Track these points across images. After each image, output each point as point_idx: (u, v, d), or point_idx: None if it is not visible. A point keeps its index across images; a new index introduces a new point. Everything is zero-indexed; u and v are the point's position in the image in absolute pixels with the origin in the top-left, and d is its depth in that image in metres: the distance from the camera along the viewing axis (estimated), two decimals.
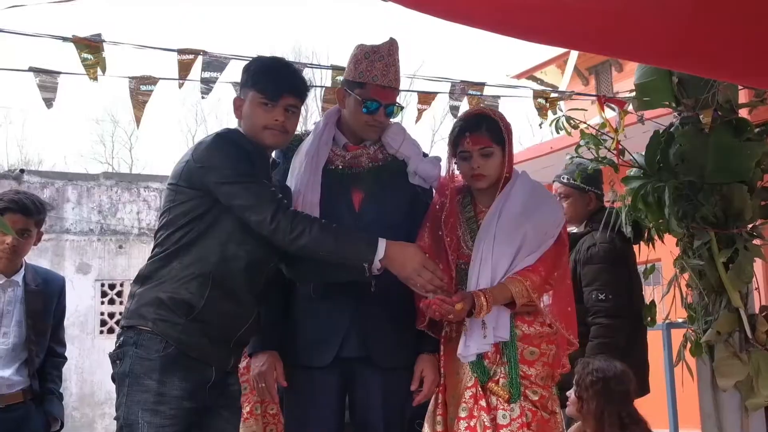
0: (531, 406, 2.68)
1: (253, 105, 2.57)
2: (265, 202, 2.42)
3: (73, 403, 10.54)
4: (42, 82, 3.37)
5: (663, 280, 4.05)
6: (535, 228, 2.76)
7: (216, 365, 2.47)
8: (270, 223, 2.40)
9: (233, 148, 2.49)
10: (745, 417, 3.67)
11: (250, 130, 2.58)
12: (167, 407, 2.35)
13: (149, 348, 2.38)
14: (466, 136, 2.79)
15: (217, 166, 2.45)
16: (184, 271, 2.42)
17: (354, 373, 2.73)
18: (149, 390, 2.36)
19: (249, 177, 2.45)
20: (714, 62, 2.94)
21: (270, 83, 2.56)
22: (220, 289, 2.43)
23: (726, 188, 3.68)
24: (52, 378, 3.59)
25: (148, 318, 2.40)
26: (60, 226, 12.34)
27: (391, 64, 2.76)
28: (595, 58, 13.79)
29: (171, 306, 2.39)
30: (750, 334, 3.65)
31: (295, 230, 2.40)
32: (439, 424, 2.76)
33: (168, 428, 2.35)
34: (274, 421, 3.60)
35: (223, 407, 2.53)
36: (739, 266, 3.65)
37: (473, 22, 2.75)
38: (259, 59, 2.74)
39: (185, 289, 2.41)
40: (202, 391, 2.43)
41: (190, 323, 2.39)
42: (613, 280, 3.74)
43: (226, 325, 2.47)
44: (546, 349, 2.77)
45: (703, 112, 3.70)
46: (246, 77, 2.63)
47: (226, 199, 2.44)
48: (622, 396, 3.13)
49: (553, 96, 4.42)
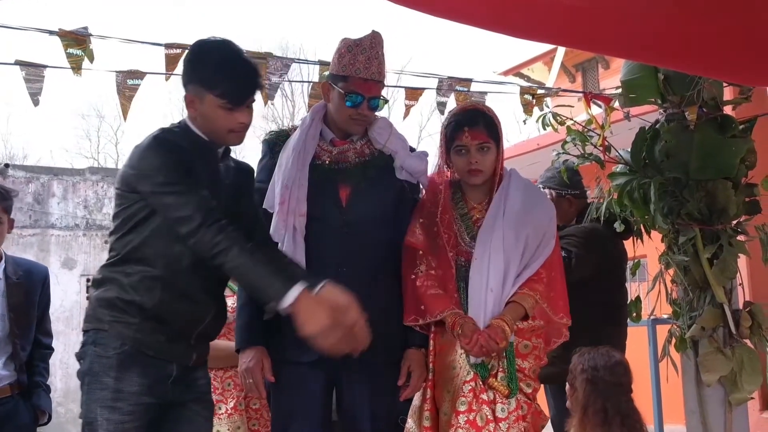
0: (525, 399, 2.72)
1: (213, 108, 2.43)
2: (193, 214, 2.32)
3: (58, 398, 10.50)
4: (28, 75, 3.36)
5: (648, 276, 4.08)
6: (536, 229, 2.80)
7: (176, 361, 2.45)
8: (193, 236, 2.31)
9: (167, 153, 2.38)
10: (728, 412, 3.70)
11: (209, 131, 2.48)
12: (125, 403, 2.35)
13: (107, 346, 2.39)
14: (464, 131, 2.79)
15: (148, 174, 2.37)
16: (134, 275, 2.41)
17: (341, 368, 2.72)
18: (107, 387, 2.36)
19: (180, 186, 2.34)
20: (698, 59, 2.96)
21: (233, 89, 2.43)
22: (171, 290, 2.41)
23: (711, 185, 3.70)
24: (39, 371, 3.58)
25: (104, 320, 2.41)
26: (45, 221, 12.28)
27: (374, 57, 2.74)
28: (582, 55, 13.85)
29: (123, 307, 2.39)
30: (734, 329, 3.67)
31: (216, 248, 2.29)
32: (427, 419, 2.76)
33: (127, 424, 2.35)
34: (256, 416, 3.62)
35: (192, 401, 2.51)
36: (724, 262, 3.67)
37: (461, 18, 2.76)
38: (208, 53, 2.51)
39: (135, 292, 2.39)
40: (162, 386, 2.42)
41: (144, 322, 2.39)
42: (582, 253, 3.64)
43: (182, 323, 2.45)
44: (537, 343, 2.81)
45: (689, 108, 3.72)
46: (198, 76, 2.46)
47: (156, 208, 2.38)
48: (611, 387, 3.02)
49: (540, 92, 4.44)
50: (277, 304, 2.25)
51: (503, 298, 2.73)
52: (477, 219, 2.85)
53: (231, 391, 3.56)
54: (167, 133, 2.47)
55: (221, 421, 3.51)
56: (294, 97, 24.87)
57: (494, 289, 2.72)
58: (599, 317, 3.63)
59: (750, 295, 5.03)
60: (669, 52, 2.94)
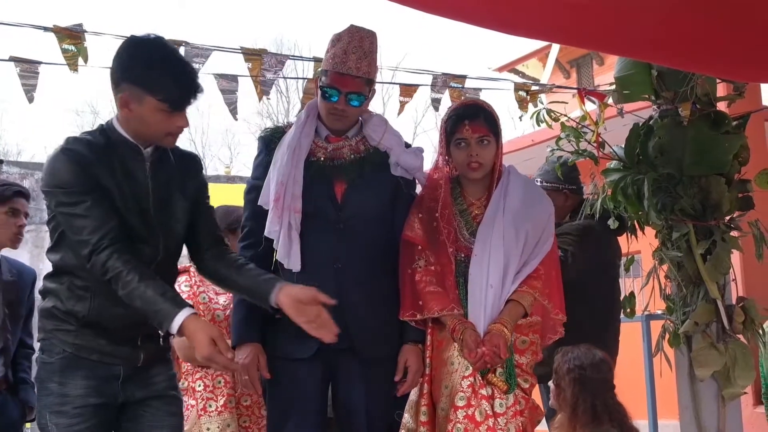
0: (523, 394, 2.74)
1: (151, 111, 2.34)
2: (88, 238, 2.29)
3: None
4: (23, 72, 3.36)
5: (642, 272, 4.09)
6: (535, 225, 2.81)
7: (122, 363, 2.44)
8: (87, 260, 2.30)
9: (70, 166, 2.31)
10: (722, 406, 3.71)
11: (141, 134, 2.41)
12: (70, 407, 2.36)
13: (51, 352, 2.41)
14: (464, 124, 2.80)
15: (50, 190, 2.35)
16: (66, 286, 2.41)
17: (337, 364, 2.74)
18: (52, 393, 2.38)
19: (78, 205, 2.29)
20: (692, 55, 2.97)
21: (174, 92, 2.34)
22: (102, 297, 2.38)
23: (704, 180, 3.71)
24: (23, 368, 3.61)
25: (47, 329, 2.43)
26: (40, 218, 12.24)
27: (352, 51, 2.69)
28: (577, 51, 13.86)
29: (60, 316, 2.40)
30: (727, 324, 3.69)
31: (107, 274, 2.28)
32: (424, 414, 2.77)
33: (76, 426, 2.35)
34: (248, 412, 3.62)
35: (151, 398, 2.50)
36: (717, 258, 3.69)
37: (456, 16, 2.76)
38: (147, 52, 2.39)
39: (69, 301, 2.40)
40: (109, 386, 2.42)
41: (82, 329, 2.39)
42: (578, 252, 3.68)
43: (120, 327, 2.42)
44: (534, 339, 2.82)
45: (682, 105, 3.72)
46: (136, 76, 2.34)
47: (61, 224, 2.37)
48: (598, 385, 3.10)
49: (534, 89, 4.46)
50: (165, 328, 2.28)
51: (503, 295, 2.74)
52: (476, 215, 2.86)
53: (221, 389, 3.56)
54: (73, 143, 2.39)
55: (211, 418, 3.51)
56: (289, 94, 24.85)
57: (494, 286, 2.73)
58: (593, 313, 3.65)
59: (743, 290, 5.06)
60: (664, 49, 2.95)
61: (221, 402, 3.55)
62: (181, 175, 2.54)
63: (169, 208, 2.49)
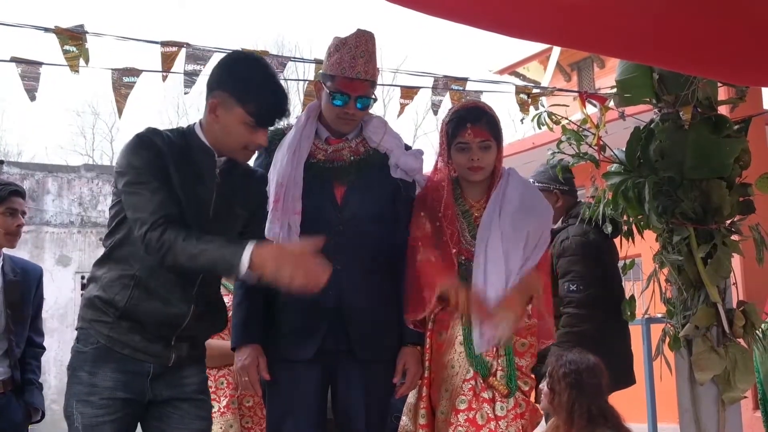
0: (523, 396, 2.74)
1: (236, 121, 2.42)
2: (145, 217, 2.32)
3: (52, 395, 10.49)
4: (24, 72, 3.36)
5: (642, 276, 4.09)
6: (535, 228, 2.81)
7: (153, 361, 2.45)
8: (142, 240, 2.33)
9: (142, 152, 2.38)
10: (721, 410, 3.71)
11: (220, 142, 2.47)
12: (97, 397, 2.37)
13: (85, 341, 2.43)
14: (467, 127, 2.80)
15: (122, 171, 2.39)
16: (113, 273, 2.42)
17: (336, 365, 2.74)
18: (82, 381, 2.39)
19: (145, 186, 2.34)
20: (693, 59, 2.97)
21: (263, 109, 2.42)
22: (144, 290, 2.40)
23: (705, 184, 3.71)
24: (31, 368, 3.60)
25: (86, 319, 2.45)
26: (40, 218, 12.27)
27: (359, 56, 2.72)
28: (578, 54, 13.86)
29: (100, 306, 2.41)
30: (727, 328, 3.69)
31: (162, 248, 2.30)
32: (422, 417, 2.77)
33: (100, 417, 2.36)
34: (250, 413, 3.63)
35: (179, 400, 2.50)
36: (718, 261, 3.69)
37: (457, 18, 2.77)
38: (248, 67, 2.50)
39: (111, 290, 2.41)
40: (139, 383, 2.42)
41: (118, 321, 2.40)
42: (585, 271, 3.80)
43: (156, 323, 2.43)
44: (532, 341, 2.82)
45: (683, 108, 3.73)
46: (232, 86, 2.43)
47: (124, 207, 2.39)
48: (594, 389, 3.12)
49: (535, 92, 4.45)
50: (237, 270, 2.27)
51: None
52: (476, 217, 2.86)
53: (224, 390, 3.57)
54: (150, 132, 2.45)
55: (214, 419, 3.52)
56: (290, 95, 24.87)
57: (495, 289, 2.72)
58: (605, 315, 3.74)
59: (743, 294, 5.05)
60: (663, 51, 2.95)
61: (224, 403, 3.56)
62: (245, 191, 2.59)
63: (227, 219, 2.52)
